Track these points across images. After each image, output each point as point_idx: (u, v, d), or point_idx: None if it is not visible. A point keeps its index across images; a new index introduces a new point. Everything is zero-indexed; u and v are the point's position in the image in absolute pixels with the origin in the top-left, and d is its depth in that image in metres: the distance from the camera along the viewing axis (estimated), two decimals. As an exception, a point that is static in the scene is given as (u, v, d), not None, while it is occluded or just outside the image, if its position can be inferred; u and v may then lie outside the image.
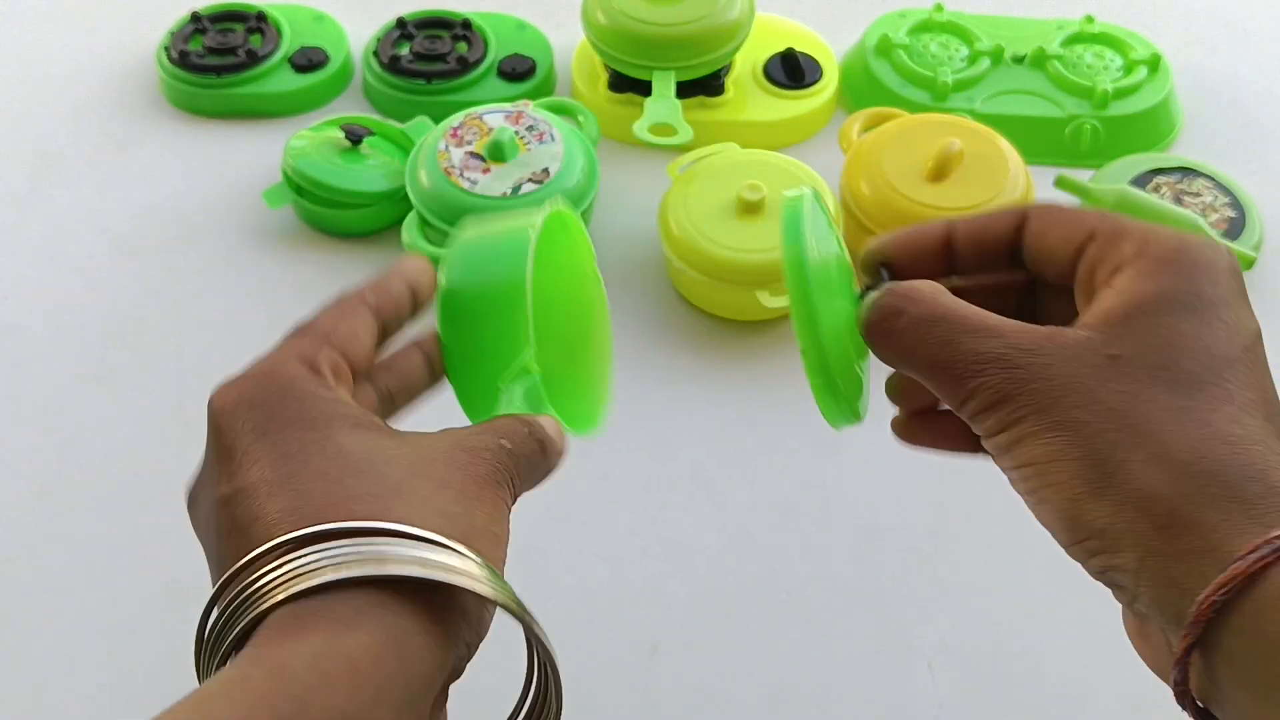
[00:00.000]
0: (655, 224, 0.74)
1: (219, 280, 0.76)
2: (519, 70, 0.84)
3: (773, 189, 0.72)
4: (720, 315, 0.73)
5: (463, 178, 0.72)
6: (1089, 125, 0.81)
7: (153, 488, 0.65)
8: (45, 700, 0.58)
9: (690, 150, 0.75)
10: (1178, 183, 0.76)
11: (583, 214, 0.74)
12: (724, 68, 0.82)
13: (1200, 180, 0.76)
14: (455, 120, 0.75)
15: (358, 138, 0.76)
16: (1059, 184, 0.75)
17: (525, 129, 0.74)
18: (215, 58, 0.84)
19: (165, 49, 0.85)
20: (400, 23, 0.86)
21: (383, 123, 0.79)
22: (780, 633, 0.60)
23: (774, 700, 0.58)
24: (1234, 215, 0.74)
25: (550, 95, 0.85)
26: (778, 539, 0.64)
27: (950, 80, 0.82)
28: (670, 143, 0.76)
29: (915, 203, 0.72)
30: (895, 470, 0.66)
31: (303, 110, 0.85)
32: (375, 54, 0.85)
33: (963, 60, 0.84)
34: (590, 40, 0.80)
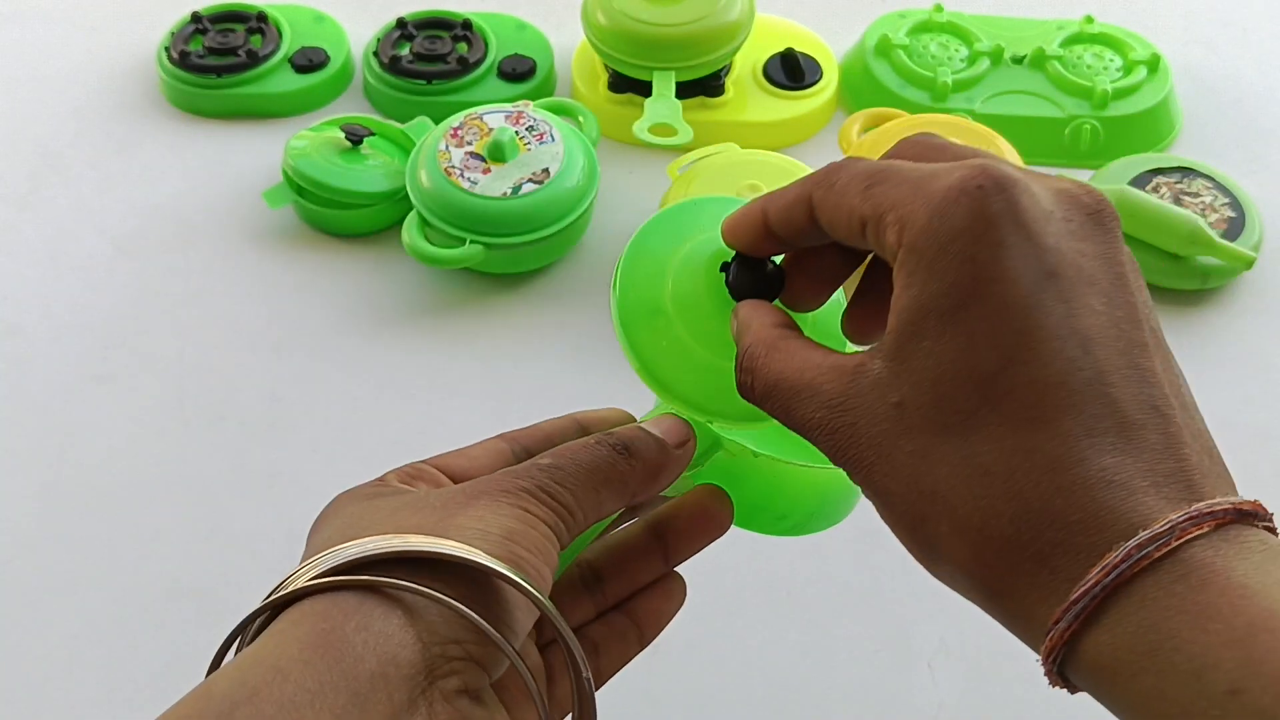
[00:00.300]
0: (655, 224, 0.74)
1: (219, 280, 0.76)
2: (519, 70, 0.84)
3: (773, 189, 0.71)
4: (720, 315, 0.73)
5: (463, 178, 0.72)
6: (1089, 125, 0.81)
7: (153, 488, 0.66)
8: (45, 700, 0.58)
9: (690, 150, 0.75)
10: (1177, 183, 0.76)
11: (582, 214, 0.74)
12: (724, 68, 0.82)
13: (1200, 180, 0.76)
14: (455, 120, 0.75)
15: (358, 138, 0.76)
16: (1059, 184, 0.75)
17: (525, 129, 0.74)
18: (215, 58, 0.84)
19: (165, 49, 0.85)
20: (400, 23, 0.86)
21: (383, 123, 0.79)
22: (780, 633, 0.60)
23: (774, 700, 0.58)
24: (1234, 215, 0.74)
25: (550, 95, 0.85)
26: (778, 539, 0.64)
27: (950, 80, 0.82)
28: (670, 143, 0.76)
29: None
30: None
31: (303, 110, 0.85)
32: (375, 54, 0.85)
33: (962, 60, 0.84)
34: (590, 40, 0.80)
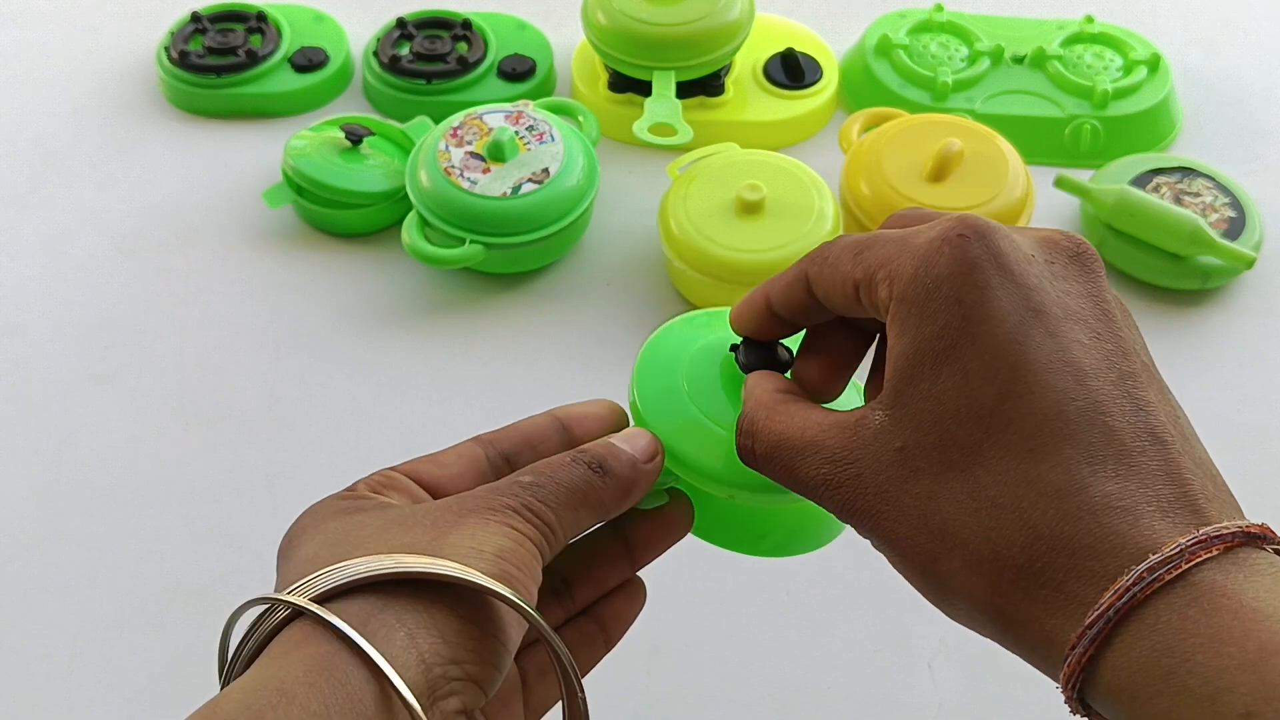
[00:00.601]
0: (655, 224, 0.74)
1: (219, 280, 0.76)
2: (519, 70, 0.84)
3: (773, 189, 0.72)
4: (720, 315, 0.73)
5: (463, 178, 0.72)
6: (1089, 125, 0.81)
7: (153, 488, 0.66)
8: (45, 700, 0.58)
9: (690, 150, 0.75)
10: (1178, 183, 0.76)
11: (582, 214, 0.74)
12: (724, 68, 0.81)
13: (1200, 180, 0.76)
14: (455, 120, 0.75)
15: (358, 138, 0.76)
16: (1059, 184, 0.75)
17: (525, 129, 0.74)
18: (215, 58, 0.84)
19: (165, 49, 0.85)
20: (400, 23, 0.86)
21: (383, 123, 0.79)
22: (780, 633, 0.60)
23: (774, 700, 0.58)
24: (1234, 215, 0.74)
25: (550, 95, 0.85)
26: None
27: (950, 80, 0.82)
28: (670, 143, 0.76)
29: (915, 203, 0.72)
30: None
31: (303, 110, 0.85)
32: (375, 54, 0.85)
33: (963, 60, 0.84)
34: (590, 40, 0.80)
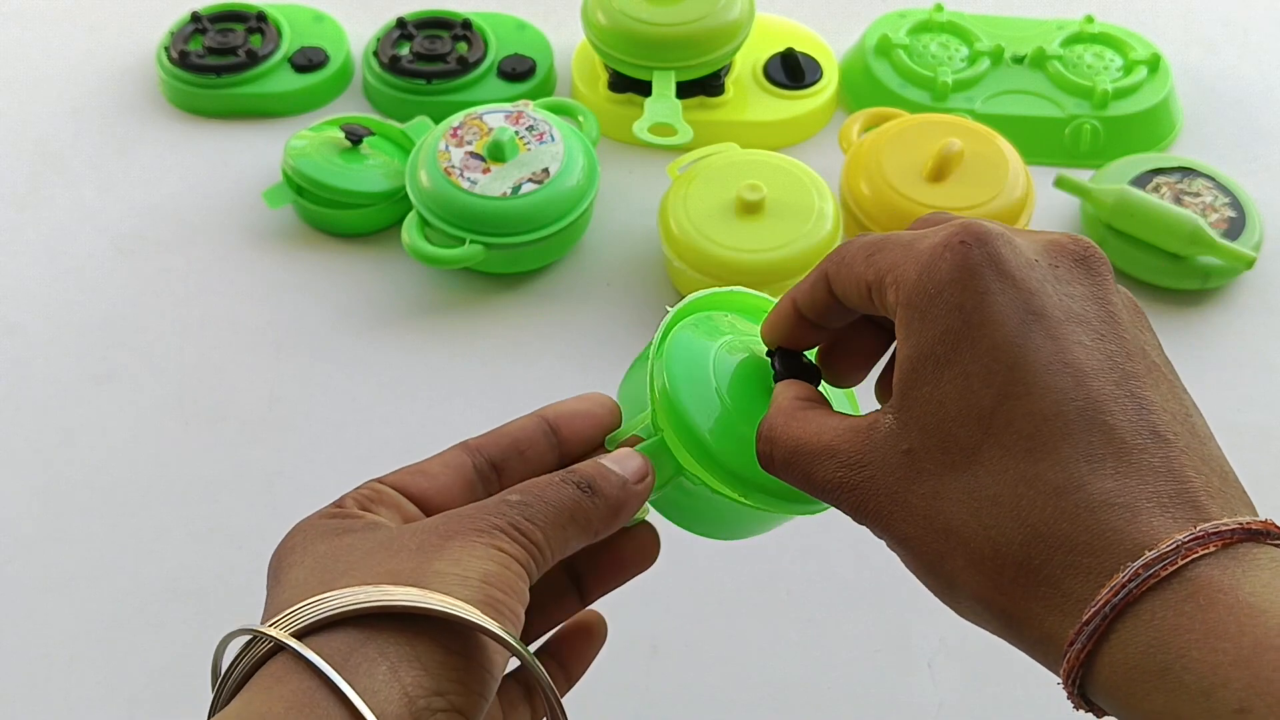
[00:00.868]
0: (655, 224, 0.74)
1: (219, 280, 0.76)
2: (519, 70, 0.84)
3: (773, 189, 0.72)
4: (720, 315, 0.73)
5: (463, 178, 0.72)
6: (1089, 125, 0.81)
7: (153, 488, 0.66)
8: (45, 700, 0.58)
9: (690, 150, 0.75)
10: (1178, 183, 0.76)
11: (582, 214, 0.74)
12: (724, 68, 0.81)
13: (1200, 180, 0.76)
14: (455, 120, 0.75)
15: (358, 138, 0.76)
16: (1059, 184, 0.75)
17: (525, 129, 0.74)
18: (215, 58, 0.84)
19: (165, 49, 0.85)
20: (400, 23, 0.86)
21: (383, 123, 0.79)
22: (780, 633, 0.60)
23: (774, 700, 0.58)
24: (1234, 215, 0.74)
25: (550, 95, 0.85)
26: (778, 539, 0.64)
27: (950, 80, 0.82)
28: (670, 143, 0.76)
29: (915, 203, 0.72)
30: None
31: (303, 110, 0.85)
32: (375, 54, 0.85)
33: (963, 60, 0.84)
34: (590, 40, 0.80)
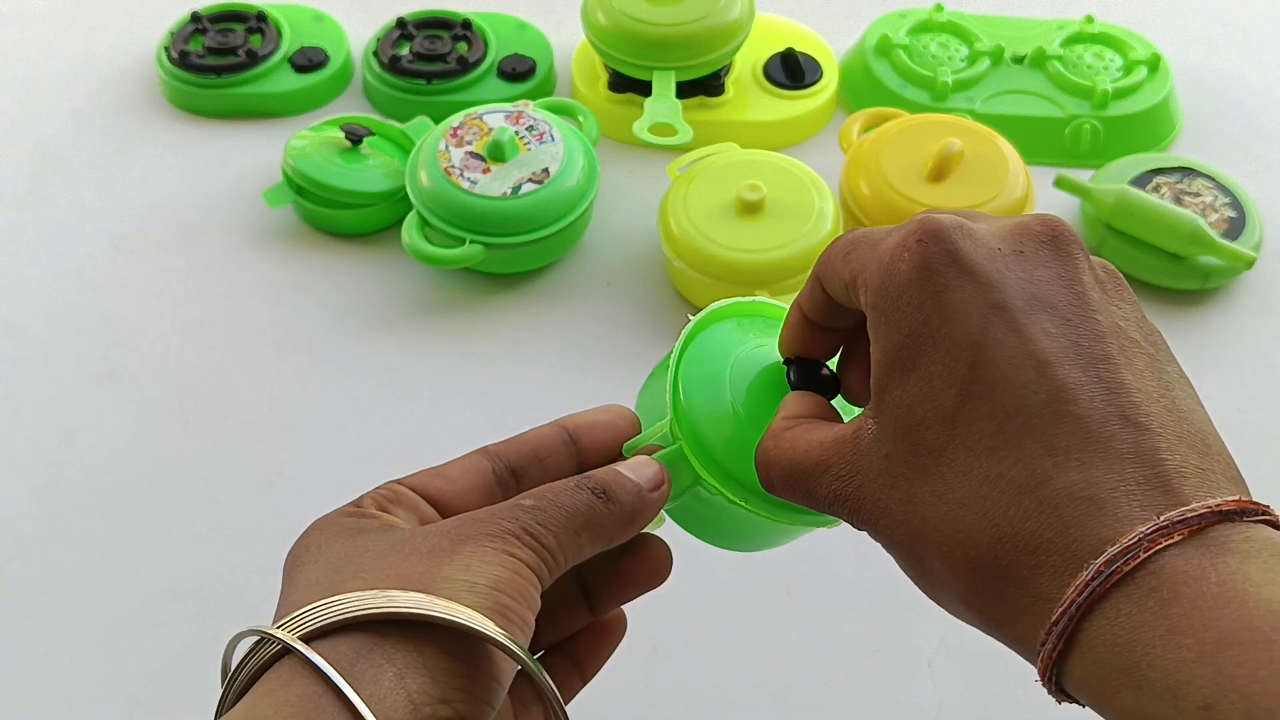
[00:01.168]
0: (655, 224, 0.74)
1: (219, 280, 0.76)
2: (519, 70, 0.84)
3: (773, 189, 0.72)
4: (720, 315, 0.73)
5: (463, 178, 0.72)
6: (1089, 125, 0.81)
7: (153, 488, 0.66)
8: (45, 700, 0.58)
9: (690, 150, 0.75)
10: (1178, 183, 0.76)
11: (582, 214, 0.74)
12: (724, 68, 0.82)
13: (1200, 180, 0.76)
14: (455, 120, 0.75)
15: (358, 138, 0.76)
16: (1059, 184, 0.75)
17: (525, 129, 0.74)
18: (215, 58, 0.84)
19: (165, 49, 0.85)
20: (400, 23, 0.86)
21: (383, 123, 0.79)
22: (780, 633, 0.60)
23: (774, 700, 0.58)
24: (1234, 215, 0.74)
25: (550, 95, 0.85)
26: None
27: (950, 80, 0.82)
28: (670, 143, 0.76)
29: (915, 203, 0.72)
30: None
31: (303, 110, 0.85)
32: (375, 54, 0.85)
33: (963, 60, 0.84)
34: (590, 40, 0.80)
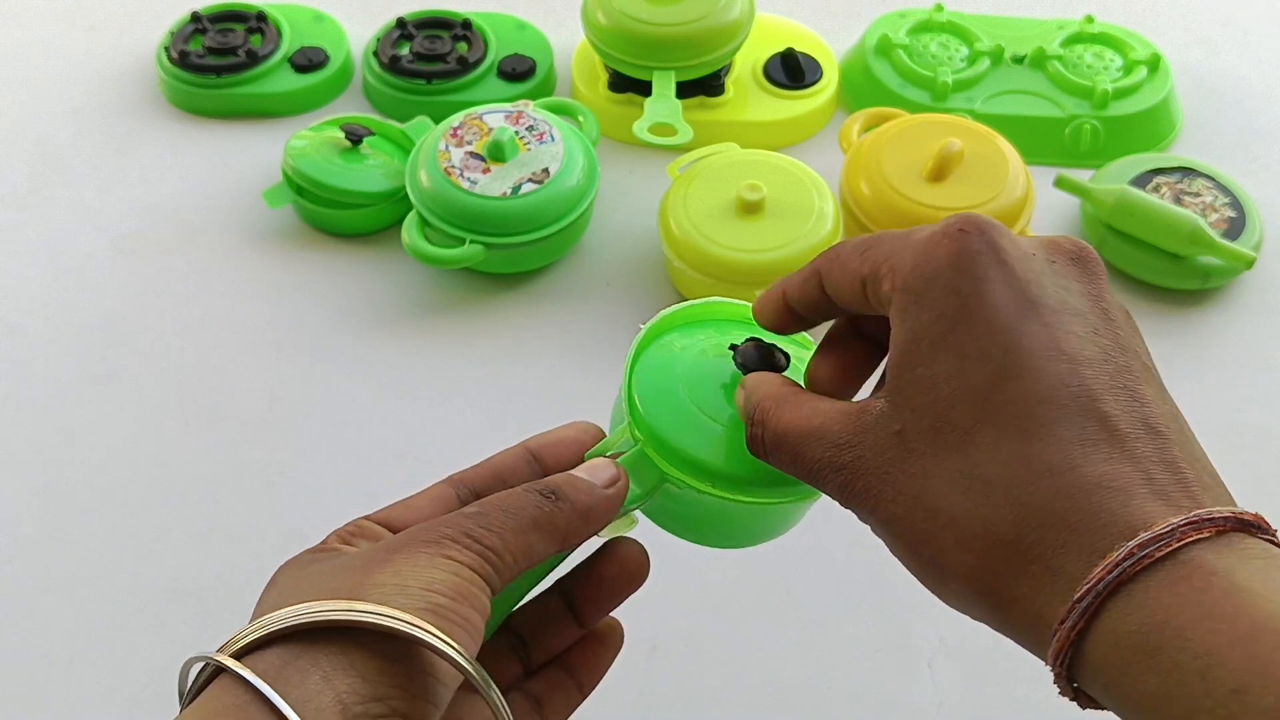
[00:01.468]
0: (655, 224, 0.74)
1: (219, 280, 0.76)
2: (519, 70, 0.84)
3: (773, 189, 0.72)
4: (720, 315, 0.73)
5: (463, 178, 0.72)
6: (1089, 125, 0.81)
7: (153, 488, 0.66)
8: (45, 700, 0.58)
9: (690, 150, 0.75)
10: (1178, 183, 0.76)
11: (582, 214, 0.74)
12: (724, 68, 0.82)
13: (1200, 180, 0.76)
14: (455, 120, 0.75)
15: (358, 138, 0.76)
16: (1059, 184, 0.75)
17: (525, 129, 0.74)
18: (215, 58, 0.84)
19: (165, 49, 0.85)
20: (400, 23, 0.86)
21: (383, 123, 0.79)
22: (780, 633, 0.60)
23: (774, 700, 0.58)
24: (1234, 215, 0.74)
25: (550, 95, 0.85)
26: (778, 538, 0.64)
27: (950, 80, 0.82)
28: (670, 143, 0.76)
29: (915, 203, 0.72)
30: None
31: (303, 110, 0.85)
32: (375, 54, 0.85)
33: (963, 60, 0.84)
34: (590, 40, 0.80)
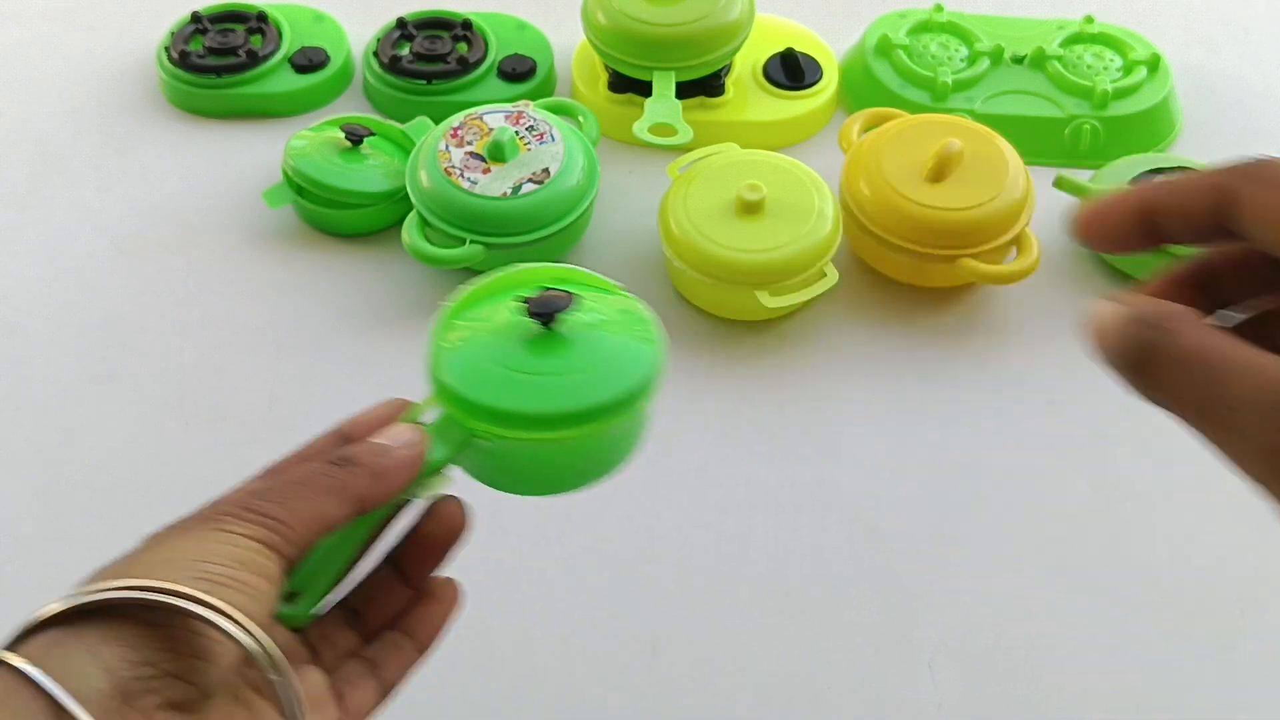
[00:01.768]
0: (655, 224, 0.74)
1: (219, 280, 0.76)
2: (519, 70, 0.84)
3: (773, 189, 0.72)
4: (720, 315, 0.73)
5: (463, 178, 0.72)
6: (1089, 125, 0.81)
7: (153, 488, 0.66)
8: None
9: (690, 150, 0.75)
10: (1178, 183, 0.76)
11: (582, 214, 0.74)
12: (724, 68, 0.82)
13: (1200, 180, 0.76)
14: (455, 120, 0.75)
15: (358, 138, 0.76)
16: (1058, 184, 0.75)
17: (525, 129, 0.74)
18: (215, 58, 0.84)
19: (165, 49, 0.85)
20: (400, 23, 0.86)
21: (383, 123, 0.79)
22: (780, 633, 0.60)
23: (774, 700, 0.58)
24: (1234, 215, 0.74)
25: (550, 95, 0.85)
26: (778, 538, 0.64)
27: (950, 80, 0.82)
28: (670, 143, 0.76)
29: (915, 203, 0.72)
30: (895, 470, 0.66)
31: (303, 110, 0.85)
32: (375, 54, 0.85)
33: (962, 60, 0.84)
34: (590, 40, 0.80)
